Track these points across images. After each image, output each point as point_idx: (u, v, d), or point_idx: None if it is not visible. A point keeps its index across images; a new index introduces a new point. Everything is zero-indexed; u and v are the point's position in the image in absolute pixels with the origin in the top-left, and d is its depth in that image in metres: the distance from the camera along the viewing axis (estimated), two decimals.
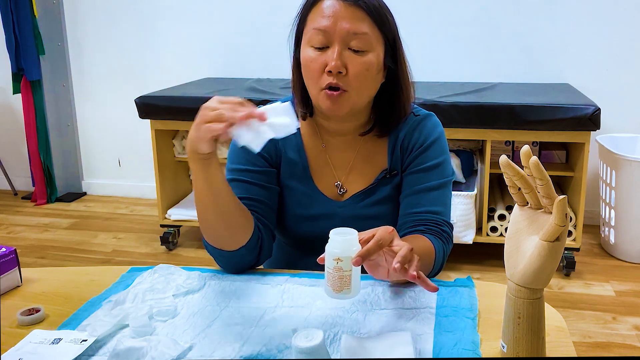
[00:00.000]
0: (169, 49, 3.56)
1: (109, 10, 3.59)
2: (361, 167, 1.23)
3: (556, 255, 0.76)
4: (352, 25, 1.07)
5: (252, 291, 1.06)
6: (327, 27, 1.08)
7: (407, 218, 1.18)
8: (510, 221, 0.84)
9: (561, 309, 2.29)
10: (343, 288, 0.87)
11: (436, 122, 1.23)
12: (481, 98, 2.67)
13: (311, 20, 1.11)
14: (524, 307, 0.79)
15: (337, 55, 1.07)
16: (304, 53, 1.12)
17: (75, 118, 3.83)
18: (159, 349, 0.86)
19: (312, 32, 1.10)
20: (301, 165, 1.23)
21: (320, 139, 1.24)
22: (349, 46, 1.09)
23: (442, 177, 1.19)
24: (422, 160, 1.19)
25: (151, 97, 2.87)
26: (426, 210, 1.17)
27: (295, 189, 1.24)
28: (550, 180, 0.76)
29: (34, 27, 3.51)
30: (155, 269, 1.11)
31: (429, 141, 1.20)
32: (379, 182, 1.22)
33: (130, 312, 0.96)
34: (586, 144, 2.55)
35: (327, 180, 1.24)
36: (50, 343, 0.88)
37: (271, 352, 0.87)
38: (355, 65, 1.09)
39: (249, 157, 1.21)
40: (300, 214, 1.25)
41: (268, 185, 1.21)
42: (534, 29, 3.10)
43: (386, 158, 1.22)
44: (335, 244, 0.87)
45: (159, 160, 2.94)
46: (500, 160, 0.78)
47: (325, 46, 1.09)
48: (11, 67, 3.53)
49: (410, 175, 1.20)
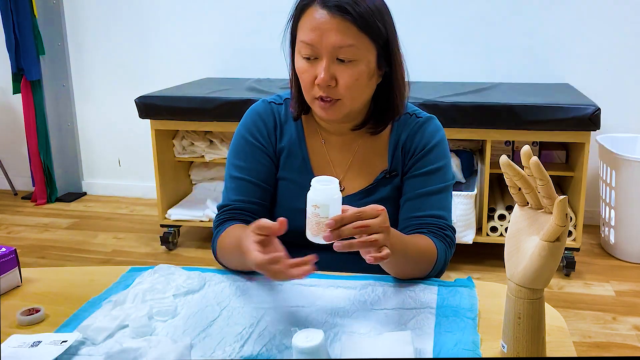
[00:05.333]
0: (169, 49, 3.56)
1: (109, 10, 3.58)
2: (360, 167, 1.23)
3: (556, 256, 0.76)
4: (338, 38, 1.06)
5: (252, 291, 1.06)
6: (313, 40, 1.08)
7: (409, 222, 1.17)
8: (511, 221, 0.84)
9: (561, 309, 2.29)
10: (320, 232, 0.91)
11: (438, 126, 1.24)
12: (481, 98, 2.67)
13: (300, 30, 1.11)
14: (524, 307, 0.79)
15: (325, 69, 1.08)
16: (297, 62, 1.14)
17: (75, 118, 3.83)
18: (158, 349, 0.86)
19: (301, 44, 1.10)
20: (301, 157, 1.24)
21: (319, 135, 1.25)
22: (338, 57, 1.08)
23: (443, 181, 1.20)
24: (423, 164, 1.20)
25: (151, 97, 2.87)
26: (429, 214, 1.17)
27: (293, 180, 1.24)
28: (551, 181, 0.76)
29: (34, 27, 3.51)
30: (155, 269, 1.11)
31: (431, 145, 1.20)
32: (378, 183, 1.22)
33: (130, 312, 0.96)
34: (586, 144, 2.55)
35: (326, 175, 1.24)
36: (29, 346, 0.87)
37: (271, 352, 0.87)
38: (345, 77, 1.09)
39: (252, 153, 1.22)
40: (297, 206, 1.21)
41: (265, 185, 1.22)
42: (534, 29, 3.10)
43: (386, 159, 1.22)
44: (315, 192, 0.91)
45: (159, 160, 2.94)
46: (501, 160, 0.78)
47: (315, 57, 1.10)
48: (11, 67, 3.53)
49: (412, 178, 1.20)
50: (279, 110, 1.27)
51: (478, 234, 2.75)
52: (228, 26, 3.44)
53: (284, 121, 1.26)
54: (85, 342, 0.91)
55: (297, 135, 1.24)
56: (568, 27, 3.06)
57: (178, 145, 3.09)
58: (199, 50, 3.52)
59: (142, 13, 3.54)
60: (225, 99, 2.73)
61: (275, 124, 1.25)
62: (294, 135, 1.24)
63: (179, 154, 3.10)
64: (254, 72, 3.39)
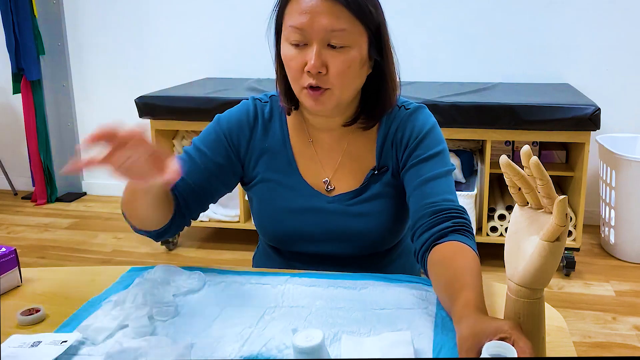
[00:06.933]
0: (169, 49, 3.56)
1: (109, 10, 3.58)
2: (350, 165, 1.19)
3: (556, 256, 0.76)
4: (330, 22, 1.02)
5: (252, 291, 1.06)
6: (303, 24, 1.03)
7: (425, 210, 1.09)
8: (511, 221, 0.84)
9: (561, 309, 2.29)
10: None
11: (428, 114, 1.20)
12: (481, 98, 2.67)
13: (288, 15, 1.06)
14: (524, 307, 0.79)
15: (315, 55, 1.03)
16: (284, 50, 1.08)
17: (75, 118, 3.83)
18: (158, 349, 0.86)
19: (290, 30, 1.05)
20: (286, 157, 1.20)
21: (307, 133, 1.21)
22: (329, 43, 1.04)
23: (445, 166, 1.14)
24: (421, 152, 1.14)
25: (151, 97, 2.87)
26: (443, 198, 1.09)
27: (278, 181, 1.20)
28: (551, 180, 0.76)
29: (34, 27, 3.51)
30: (155, 269, 1.11)
31: (425, 131, 1.16)
32: (368, 181, 1.18)
33: (130, 312, 0.96)
34: (586, 144, 2.55)
35: (314, 175, 1.20)
36: (29, 346, 0.87)
37: (271, 352, 0.87)
38: (336, 63, 1.04)
39: (214, 142, 1.20)
40: (285, 206, 1.20)
41: (212, 176, 1.19)
42: (534, 29, 3.10)
43: (374, 155, 1.19)
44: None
45: None
46: (501, 160, 0.78)
47: (304, 43, 1.05)
48: (11, 67, 3.53)
49: (413, 167, 1.14)
50: (263, 108, 1.22)
51: (478, 234, 2.75)
52: (228, 26, 3.44)
53: (268, 119, 1.22)
54: (85, 342, 0.91)
55: (281, 135, 1.20)
56: (568, 27, 3.06)
57: (178, 145, 3.09)
58: (198, 50, 3.52)
59: (142, 13, 3.54)
60: (225, 99, 2.73)
61: (256, 123, 1.21)
62: (278, 134, 1.21)
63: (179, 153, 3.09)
64: (254, 72, 3.39)
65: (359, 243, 1.20)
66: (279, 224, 1.21)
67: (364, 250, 1.21)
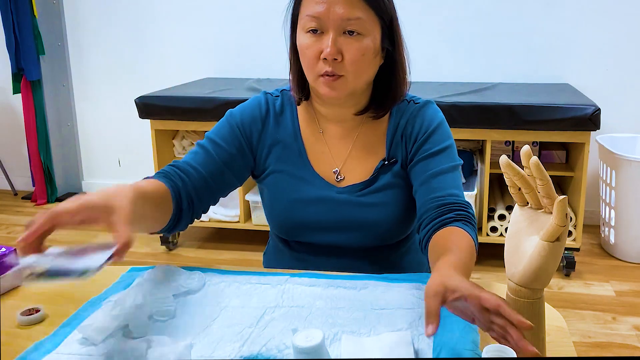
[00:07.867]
0: (169, 49, 3.56)
1: (109, 10, 3.58)
2: (360, 156, 1.22)
3: (556, 256, 0.76)
4: (346, 11, 1.06)
5: (252, 291, 1.06)
6: (320, 13, 1.07)
7: (430, 204, 1.12)
8: (511, 221, 0.84)
9: (561, 309, 2.29)
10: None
11: (436, 109, 1.23)
12: (481, 98, 2.67)
13: (305, 6, 1.10)
14: (524, 307, 0.79)
15: (331, 42, 1.07)
16: (300, 39, 1.12)
17: (75, 118, 3.83)
18: (158, 349, 0.86)
19: (306, 19, 1.09)
20: (297, 149, 1.23)
21: (317, 125, 1.24)
22: (344, 31, 1.08)
23: (452, 161, 1.17)
24: (429, 146, 1.18)
25: (151, 97, 2.87)
26: (449, 193, 1.13)
27: (289, 172, 1.22)
28: (551, 180, 0.76)
29: (34, 27, 3.51)
30: (155, 269, 1.11)
31: (433, 126, 1.19)
32: (378, 172, 1.21)
33: (130, 312, 0.96)
34: (586, 144, 2.55)
35: (324, 166, 1.23)
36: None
37: (271, 352, 0.87)
38: (351, 51, 1.08)
39: (228, 134, 1.21)
40: (295, 197, 1.22)
41: (226, 168, 1.19)
42: (534, 29, 3.10)
43: (384, 147, 1.21)
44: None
45: (159, 160, 2.94)
46: (501, 160, 0.78)
47: (321, 32, 1.09)
48: (11, 67, 3.53)
49: (420, 162, 1.17)
50: (275, 102, 1.25)
51: (478, 233, 2.74)
52: (228, 26, 3.44)
53: (279, 112, 1.25)
54: (85, 342, 0.90)
55: (292, 127, 1.23)
56: (568, 27, 3.06)
57: (178, 145, 3.09)
58: (199, 50, 3.52)
59: (142, 13, 3.54)
60: (225, 99, 2.73)
61: (268, 116, 1.24)
62: (289, 126, 1.23)
63: (179, 154, 3.10)
64: (254, 72, 3.39)
65: (369, 233, 1.21)
66: (290, 215, 1.24)
67: (373, 241, 1.23)
